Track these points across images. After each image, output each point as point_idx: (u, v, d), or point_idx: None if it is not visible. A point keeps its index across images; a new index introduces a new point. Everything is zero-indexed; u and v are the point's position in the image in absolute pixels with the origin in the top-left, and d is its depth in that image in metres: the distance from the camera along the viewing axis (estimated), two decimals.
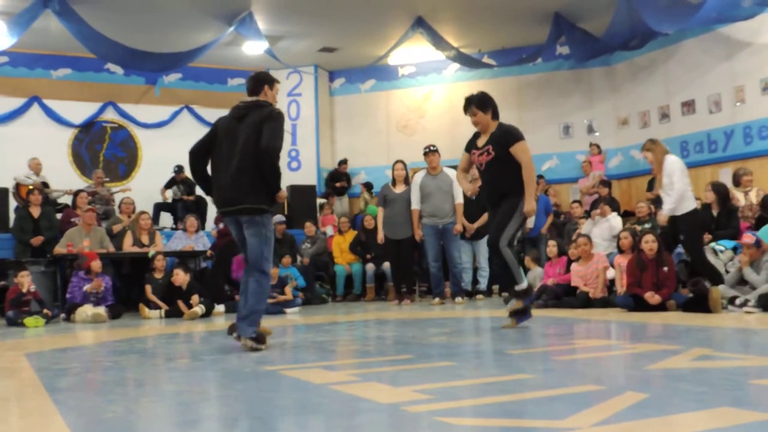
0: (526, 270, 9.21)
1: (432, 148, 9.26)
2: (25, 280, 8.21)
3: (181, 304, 8.65)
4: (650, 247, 7.04)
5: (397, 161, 9.71)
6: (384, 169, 14.37)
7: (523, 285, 5.63)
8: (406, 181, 9.57)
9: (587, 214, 10.64)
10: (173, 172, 12.86)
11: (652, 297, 6.86)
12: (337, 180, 14.13)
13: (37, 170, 11.83)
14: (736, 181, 9.44)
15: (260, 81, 5.03)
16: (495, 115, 5.67)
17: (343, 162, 14.41)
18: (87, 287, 8.58)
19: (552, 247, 8.83)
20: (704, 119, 11.91)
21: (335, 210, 13.42)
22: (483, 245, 9.67)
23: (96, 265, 8.71)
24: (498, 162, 5.54)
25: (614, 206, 10.44)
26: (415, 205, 9.19)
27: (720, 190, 8.41)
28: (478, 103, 5.64)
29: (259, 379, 3.61)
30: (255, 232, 4.90)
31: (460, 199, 9.10)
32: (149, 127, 14.19)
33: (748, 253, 6.83)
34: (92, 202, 11.18)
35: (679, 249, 8.01)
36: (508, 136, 5.54)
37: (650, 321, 6.05)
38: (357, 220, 12.41)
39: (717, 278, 6.78)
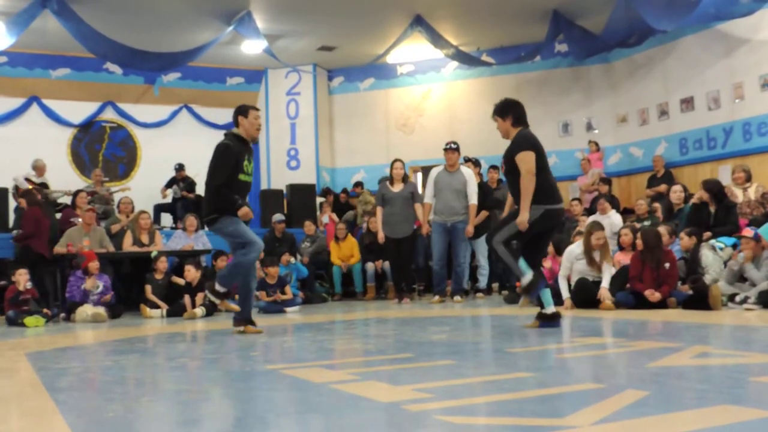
0: None
1: (453, 145, 9.14)
2: (22, 278, 8.21)
3: (187, 300, 8.63)
4: (636, 243, 7.22)
5: (395, 160, 9.65)
6: (383, 167, 14.34)
7: (526, 278, 5.39)
8: (404, 179, 9.53)
9: (587, 212, 10.63)
10: (174, 170, 12.87)
11: (653, 295, 6.86)
12: (343, 210, 13.68)
13: (41, 172, 11.81)
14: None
15: (235, 113, 6.01)
16: (516, 122, 5.56)
17: (344, 191, 14.17)
18: (85, 284, 8.57)
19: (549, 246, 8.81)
20: (703, 116, 11.91)
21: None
22: (482, 243, 9.65)
23: (93, 266, 8.68)
24: (509, 175, 5.59)
25: (614, 203, 10.44)
26: (428, 199, 9.15)
27: (712, 187, 8.41)
28: (498, 110, 5.61)
29: (259, 378, 3.61)
30: (221, 235, 5.96)
31: (474, 201, 9.05)
32: (148, 127, 14.19)
33: (749, 247, 6.83)
34: (91, 202, 11.18)
35: (678, 245, 8.01)
36: (514, 148, 5.45)
37: (650, 318, 6.05)
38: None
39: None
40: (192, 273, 8.86)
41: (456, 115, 14.45)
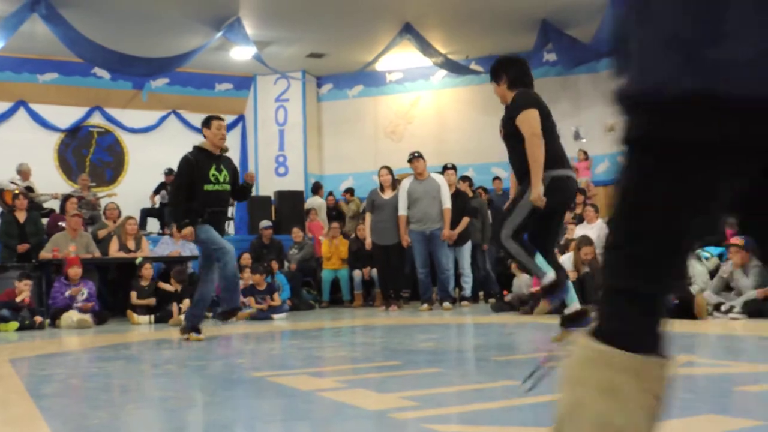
0: (512, 276, 9.19)
1: (416, 154, 9.20)
2: (26, 290, 8.14)
3: (175, 307, 8.59)
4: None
5: (381, 167, 9.69)
6: (371, 174, 14.33)
7: (548, 278, 4.56)
8: (394, 186, 9.54)
9: (575, 219, 10.60)
10: (163, 174, 12.80)
11: None
12: (331, 215, 13.57)
13: (26, 176, 11.74)
14: None
15: (201, 126, 6.15)
16: (513, 84, 4.77)
17: (330, 194, 14.14)
18: (69, 292, 8.52)
19: None
20: None
21: (320, 216, 13.28)
22: (465, 251, 9.63)
23: (74, 272, 8.58)
24: (508, 141, 4.78)
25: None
26: (402, 210, 9.19)
27: None
28: (491, 74, 4.89)
29: (245, 385, 3.60)
30: (196, 242, 6.39)
31: (447, 205, 9.09)
32: (136, 132, 14.14)
33: (738, 255, 6.86)
34: (78, 207, 11.11)
35: None
36: (513, 108, 4.68)
37: None
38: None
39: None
40: (175, 283, 8.88)
41: (444, 123, 14.49)
